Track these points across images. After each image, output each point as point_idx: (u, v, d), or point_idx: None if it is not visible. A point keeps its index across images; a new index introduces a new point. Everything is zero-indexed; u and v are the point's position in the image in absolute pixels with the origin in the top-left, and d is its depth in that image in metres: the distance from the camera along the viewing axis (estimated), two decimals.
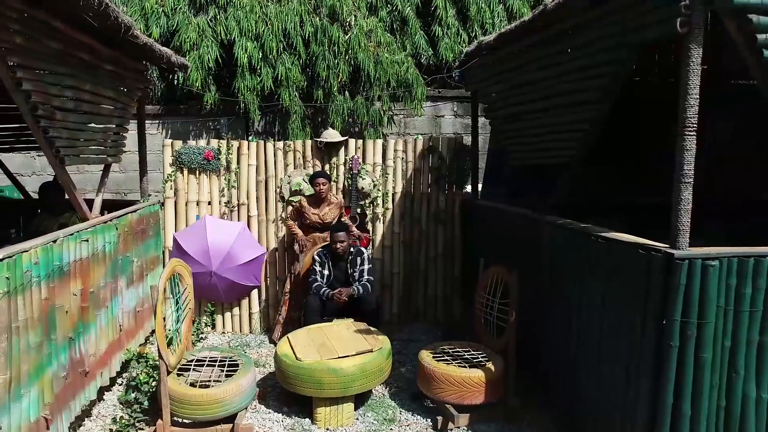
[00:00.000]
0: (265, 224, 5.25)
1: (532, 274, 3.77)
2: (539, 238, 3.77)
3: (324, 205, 4.90)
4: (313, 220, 4.86)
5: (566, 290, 3.40)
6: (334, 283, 4.54)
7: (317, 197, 4.86)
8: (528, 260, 3.87)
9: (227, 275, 4.94)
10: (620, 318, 2.84)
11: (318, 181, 4.79)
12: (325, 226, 4.87)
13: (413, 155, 5.39)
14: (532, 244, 3.85)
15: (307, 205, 4.89)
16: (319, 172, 4.88)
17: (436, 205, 5.42)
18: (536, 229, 3.83)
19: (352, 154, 5.23)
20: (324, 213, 4.89)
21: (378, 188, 5.30)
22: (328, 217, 4.89)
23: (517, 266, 3.85)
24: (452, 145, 5.41)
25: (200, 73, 6.41)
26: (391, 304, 5.45)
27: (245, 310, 5.27)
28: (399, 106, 7.45)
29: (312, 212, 4.87)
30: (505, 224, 4.40)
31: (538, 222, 3.83)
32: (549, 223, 3.68)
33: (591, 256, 3.13)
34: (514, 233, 4.20)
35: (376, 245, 5.37)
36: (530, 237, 3.91)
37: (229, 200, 5.19)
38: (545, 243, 3.71)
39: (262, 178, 5.22)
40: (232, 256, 4.92)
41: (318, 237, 4.89)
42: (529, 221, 3.97)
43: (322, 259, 4.54)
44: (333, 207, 4.95)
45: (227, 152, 5.15)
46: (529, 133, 4.24)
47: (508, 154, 5.26)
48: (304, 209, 4.87)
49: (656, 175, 4.78)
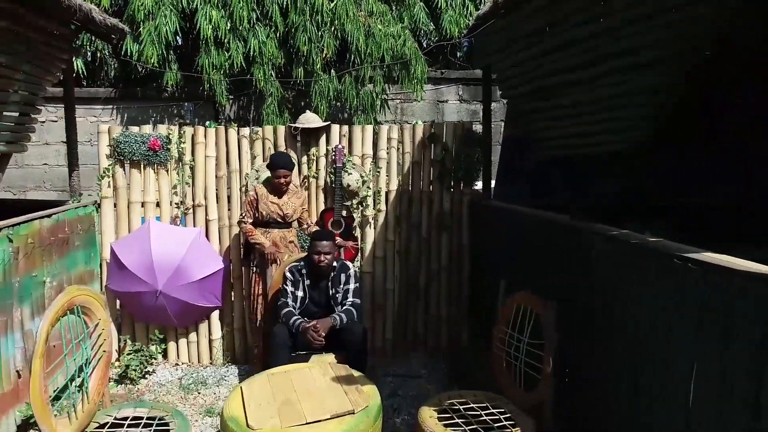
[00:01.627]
0: (227, 230, 4.23)
1: (574, 305, 2.76)
2: (584, 256, 2.75)
3: (285, 194, 3.90)
4: (271, 210, 3.83)
5: (630, 328, 2.38)
6: (311, 307, 3.54)
7: (277, 187, 3.86)
8: (567, 285, 2.85)
9: (178, 295, 3.93)
10: (728, 373, 1.82)
11: (280, 173, 3.78)
12: (284, 220, 3.87)
13: (411, 145, 4.38)
14: (574, 262, 2.83)
15: (265, 192, 3.88)
16: (280, 157, 3.85)
17: (440, 207, 4.41)
18: (579, 243, 2.81)
19: (336, 144, 4.22)
20: (284, 202, 3.87)
21: (368, 186, 4.29)
22: (289, 209, 3.88)
23: (550, 292, 2.84)
24: (459, 132, 4.40)
25: (156, 47, 5.37)
26: (384, 328, 4.44)
27: (204, 336, 4.26)
28: (395, 89, 6.43)
29: (271, 201, 3.85)
30: (532, 234, 3.37)
31: (581, 233, 2.81)
32: (598, 234, 2.66)
33: (673, 286, 2.11)
34: (545, 247, 3.17)
35: (366, 256, 4.36)
36: (569, 253, 2.88)
37: (183, 201, 4.17)
38: (594, 262, 2.68)
39: (223, 173, 4.20)
40: (183, 270, 3.91)
41: (277, 236, 3.87)
42: (567, 231, 2.95)
43: (296, 276, 3.53)
44: (294, 196, 3.94)
45: (179, 141, 4.13)
46: (565, 113, 3.23)
47: (529, 143, 4.24)
48: (261, 198, 3.86)
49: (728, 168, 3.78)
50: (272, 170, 3.83)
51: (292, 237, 3.94)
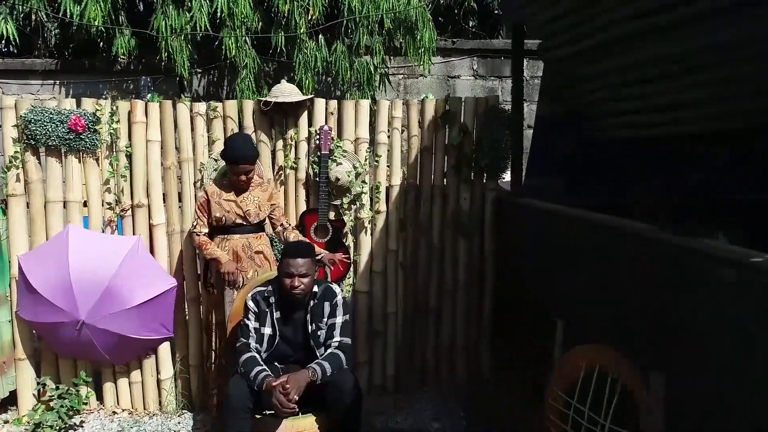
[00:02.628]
0: (178, 238, 3.23)
1: (688, 380, 1.75)
2: (704, 296, 1.74)
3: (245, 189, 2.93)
4: (227, 210, 2.85)
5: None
6: (283, 348, 2.56)
7: (235, 184, 2.86)
8: (676, 344, 1.84)
9: (108, 326, 2.94)
10: None
11: (239, 169, 2.82)
12: (247, 221, 2.87)
13: (420, 126, 3.37)
14: (686, 306, 1.82)
15: (216, 190, 2.89)
16: (237, 143, 2.85)
17: (456, 206, 3.42)
18: (689, 273, 1.80)
19: (321, 124, 3.21)
20: (243, 200, 2.88)
21: (363, 179, 3.29)
22: (251, 204, 2.89)
23: (647, 354, 1.85)
24: (482, 109, 3.39)
25: (102, 6, 4.33)
26: (384, 361, 3.46)
27: (150, 375, 3.27)
28: (397, 62, 5.40)
29: (225, 199, 2.87)
30: (605, 253, 2.35)
31: (690, 253, 1.80)
32: (723, 260, 1.65)
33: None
34: (630, 276, 2.15)
35: (361, 270, 3.36)
36: (675, 289, 1.87)
37: (118, 200, 3.16)
38: (721, 307, 1.67)
39: (172, 163, 3.19)
40: (114, 294, 2.92)
41: (238, 245, 2.88)
42: (665, 252, 1.94)
43: (261, 306, 2.54)
44: (258, 188, 2.95)
45: (111, 120, 3.11)
46: (644, 75, 2.22)
47: (576, 122, 3.24)
48: (212, 198, 2.87)
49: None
50: (228, 163, 2.83)
51: (260, 245, 2.94)
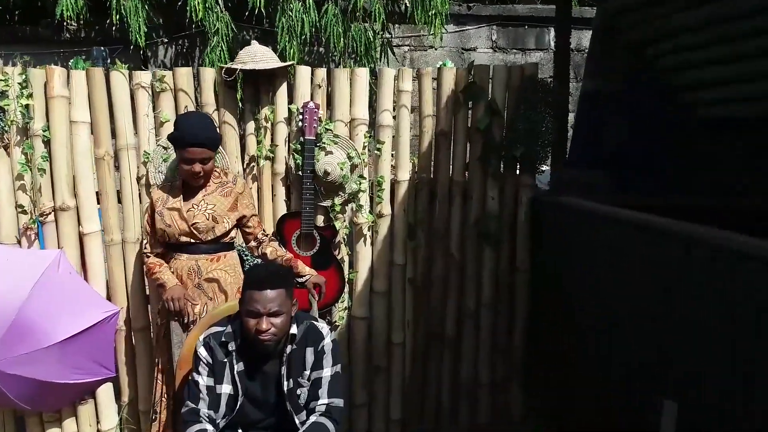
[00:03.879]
0: (119, 250, 2.46)
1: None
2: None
3: (201, 190, 2.12)
4: (168, 224, 2.09)
5: None
6: (249, 411, 1.81)
7: (188, 177, 2.09)
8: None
9: (21, 371, 2.19)
10: None
11: (189, 152, 2.03)
12: (195, 237, 2.10)
13: (434, 103, 2.60)
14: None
15: (162, 195, 2.13)
16: (188, 121, 2.09)
17: (481, 207, 2.66)
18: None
19: (306, 101, 2.43)
20: (191, 209, 2.11)
21: (360, 174, 2.52)
22: (199, 215, 2.11)
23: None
24: (516, 82, 2.61)
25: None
26: (388, 403, 2.72)
27: (87, 425, 2.52)
28: (402, 31, 4.59)
29: (168, 207, 2.10)
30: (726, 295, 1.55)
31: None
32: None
33: None
34: None
35: (358, 291, 2.60)
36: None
37: (36, 200, 2.38)
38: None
39: (106, 152, 2.40)
40: (25, 328, 2.17)
41: (183, 268, 2.11)
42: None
43: (217, 356, 1.78)
44: (217, 192, 2.16)
45: (20, 94, 2.32)
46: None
47: (643, 99, 2.48)
48: (156, 205, 2.12)
49: None
50: (177, 148, 2.06)
51: (215, 271, 2.13)
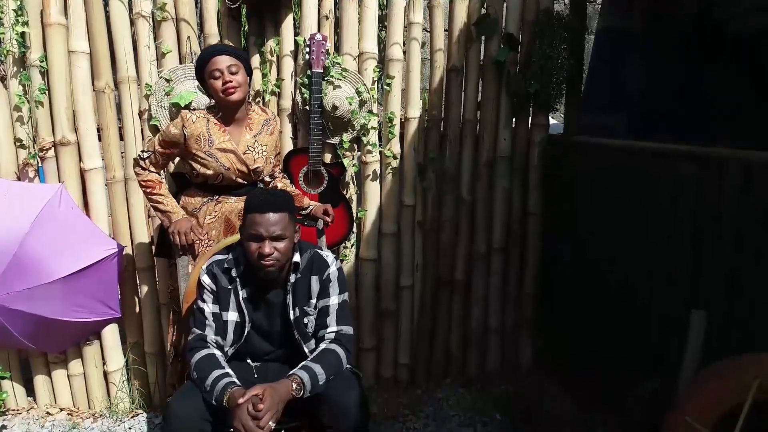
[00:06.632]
0: (121, 188, 2.40)
1: None
2: None
3: (244, 124, 2.04)
4: (223, 164, 1.98)
5: None
6: (255, 341, 1.77)
7: (225, 105, 1.98)
8: None
9: (24, 306, 2.16)
10: None
11: (214, 64, 1.91)
12: (251, 178, 2.04)
13: (447, 37, 2.50)
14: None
15: (203, 130, 1.98)
16: (215, 45, 2.03)
17: (493, 148, 2.58)
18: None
19: (313, 32, 2.32)
20: (247, 143, 2.02)
21: (370, 109, 2.43)
22: (259, 156, 2.04)
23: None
24: (532, 15, 2.50)
25: None
26: (396, 348, 2.69)
27: (94, 366, 2.51)
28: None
29: (219, 149, 1.98)
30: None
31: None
32: None
33: None
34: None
35: (367, 231, 2.55)
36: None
37: (34, 135, 2.31)
38: None
39: (106, 84, 2.32)
40: (27, 263, 2.13)
41: (234, 211, 2.05)
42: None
43: (220, 282, 1.73)
44: (264, 131, 2.08)
45: (16, 21, 2.22)
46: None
47: (675, 32, 2.37)
48: (198, 135, 1.97)
49: None
50: (201, 69, 1.95)
51: None
